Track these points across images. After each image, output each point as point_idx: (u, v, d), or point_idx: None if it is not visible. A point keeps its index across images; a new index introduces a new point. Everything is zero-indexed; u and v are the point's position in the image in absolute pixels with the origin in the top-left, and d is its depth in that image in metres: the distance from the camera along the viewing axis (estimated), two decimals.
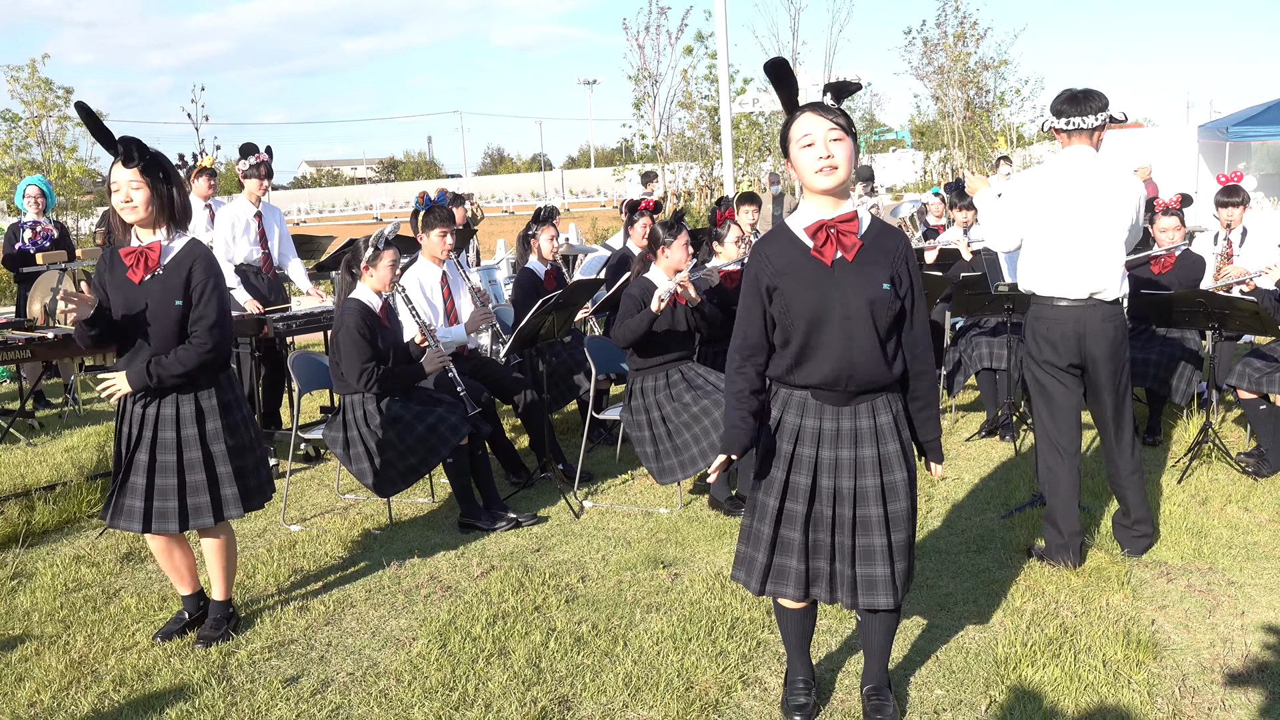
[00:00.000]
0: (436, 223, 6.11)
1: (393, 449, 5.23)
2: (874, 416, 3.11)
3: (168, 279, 3.88)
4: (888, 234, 3.11)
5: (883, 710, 3.36)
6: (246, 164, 7.23)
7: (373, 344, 5.26)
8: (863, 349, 3.01)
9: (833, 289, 3.00)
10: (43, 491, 5.96)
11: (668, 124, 24.75)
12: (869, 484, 3.10)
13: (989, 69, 24.52)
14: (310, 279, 7.91)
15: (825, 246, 3.02)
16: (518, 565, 4.87)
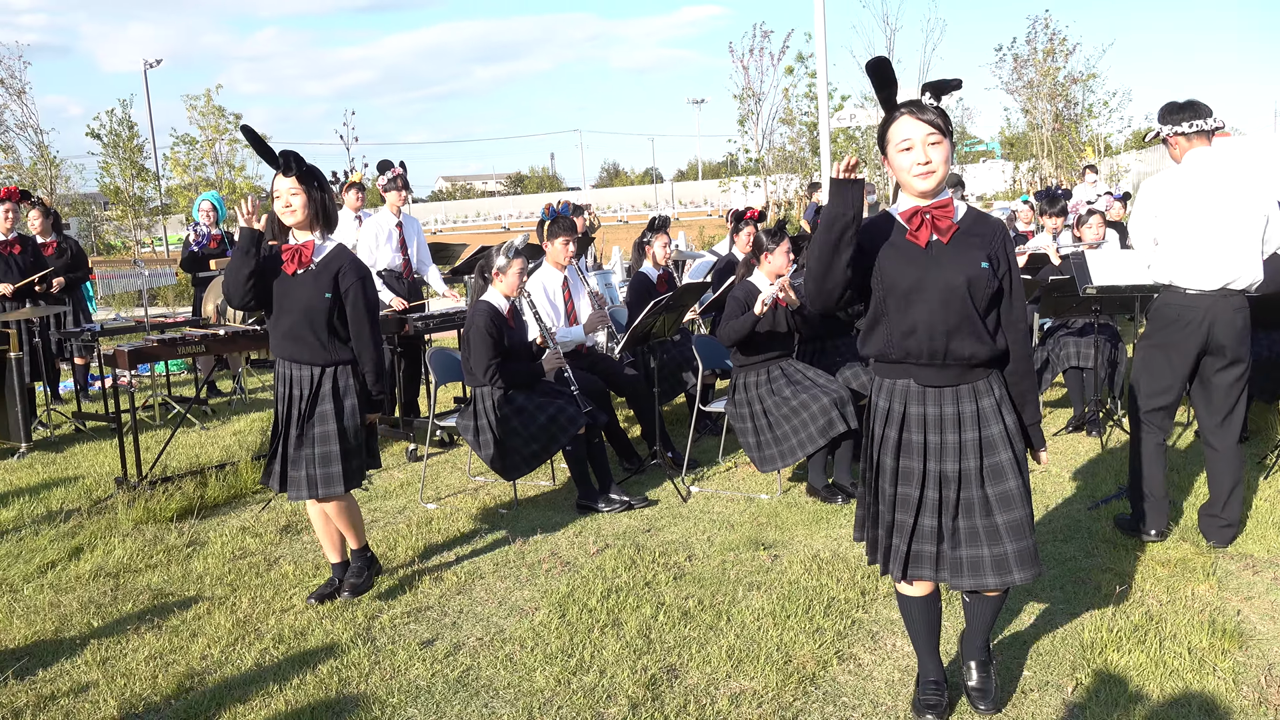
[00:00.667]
0: (560, 231, 6.16)
1: (517, 436, 5.29)
2: (975, 400, 2.98)
3: (319, 275, 4.06)
4: (985, 220, 3.00)
5: (986, 686, 3.23)
6: (385, 178, 7.41)
7: (500, 342, 5.33)
8: (959, 324, 2.89)
9: (928, 267, 2.90)
10: (214, 470, 6.21)
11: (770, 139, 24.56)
12: (971, 466, 2.97)
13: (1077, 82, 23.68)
14: (445, 283, 8.06)
15: (920, 230, 2.93)
16: (630, 544, 4.88)
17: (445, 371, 6.00)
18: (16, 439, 7.39)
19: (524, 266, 5.46)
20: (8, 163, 23.34)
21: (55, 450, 7.54)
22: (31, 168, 25.24)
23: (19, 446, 7.38)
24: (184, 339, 6.19)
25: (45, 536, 5.34)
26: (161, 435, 7.73)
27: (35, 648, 3.98)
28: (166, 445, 6.77)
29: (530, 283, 6.13)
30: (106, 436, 7.86)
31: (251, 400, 9.33)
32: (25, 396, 7.50)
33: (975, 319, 2.90)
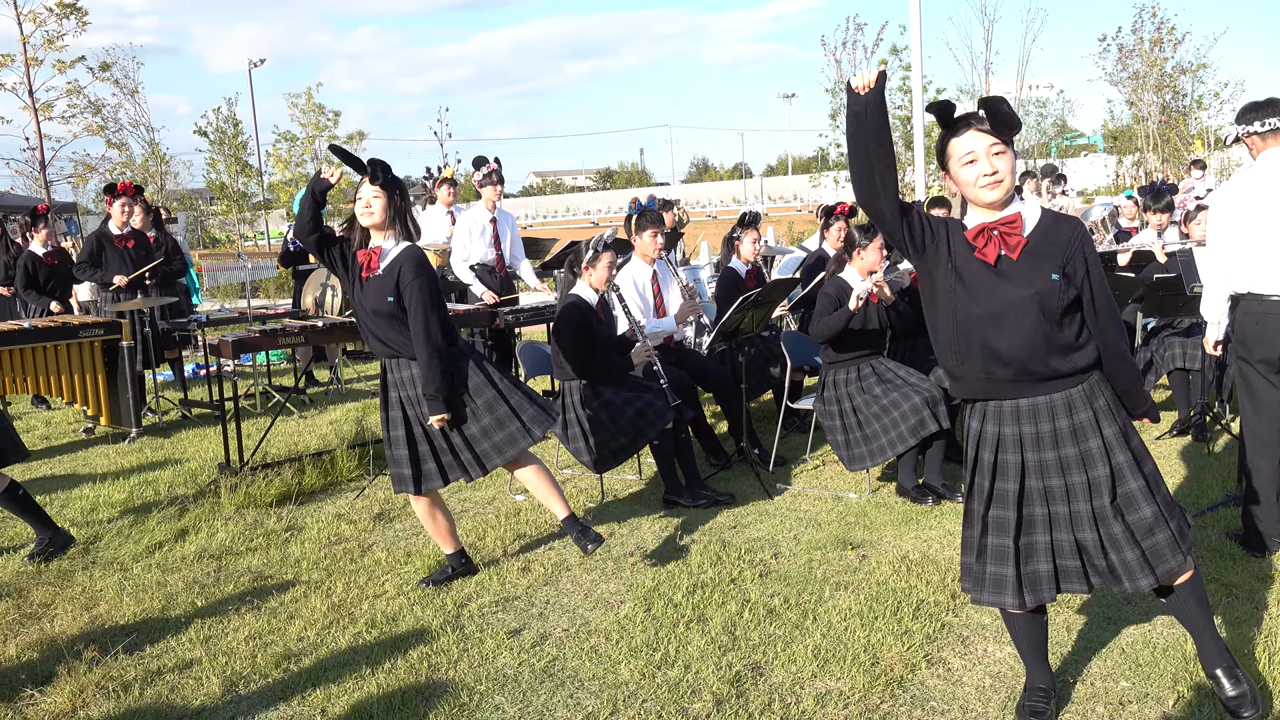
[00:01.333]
0: (648, 224, 6.18)
1: (605, 430, 5.32)
2: (1071, 414, 2.88)
3: (384, 279, 4.17)
4: (1060, 224, 2.88)
5: (1241, 691, 3.06)
6: (480, 174, 7.51)
7: (589, 336, 5.36)
8: (1037, 341, 2.80)
9: (998, 286, 2.81)
10: (311, 458, 6.39)
11: None
12: (1077, 481, 2.89)
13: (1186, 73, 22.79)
14: (536, 277, 8.15)
15: (988, 247, 2.83)
16: (716, 540, 4.87)
17: (535, 365, 6.06)
18: (128, 424, 7.72)
19: (613, 260, 5.48)
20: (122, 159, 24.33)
21: (163, 436, 7.85)
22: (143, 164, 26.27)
23: (130, 431, 7.70)
24: (284, 330, 6.38)
25: (153, 518, 5.56)
26: (262, 423, 7.99)
27: (143, 624, 4.15)
28: (267, 433, 6.99)
29: (619, 276, 6.16)
30: (211, 423, 8.15)
31: (347, 390, 9.57)
32: (136, 384, 7.82)
33: (1053, 334, 2.81)
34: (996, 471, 2.96)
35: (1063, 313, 2.81)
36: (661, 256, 6.28)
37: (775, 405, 7.17)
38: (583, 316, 5.35)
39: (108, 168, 22.28)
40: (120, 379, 7.66)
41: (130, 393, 7.66)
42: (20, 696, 3.56)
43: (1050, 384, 2.87)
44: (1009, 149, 2.83)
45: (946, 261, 2.89)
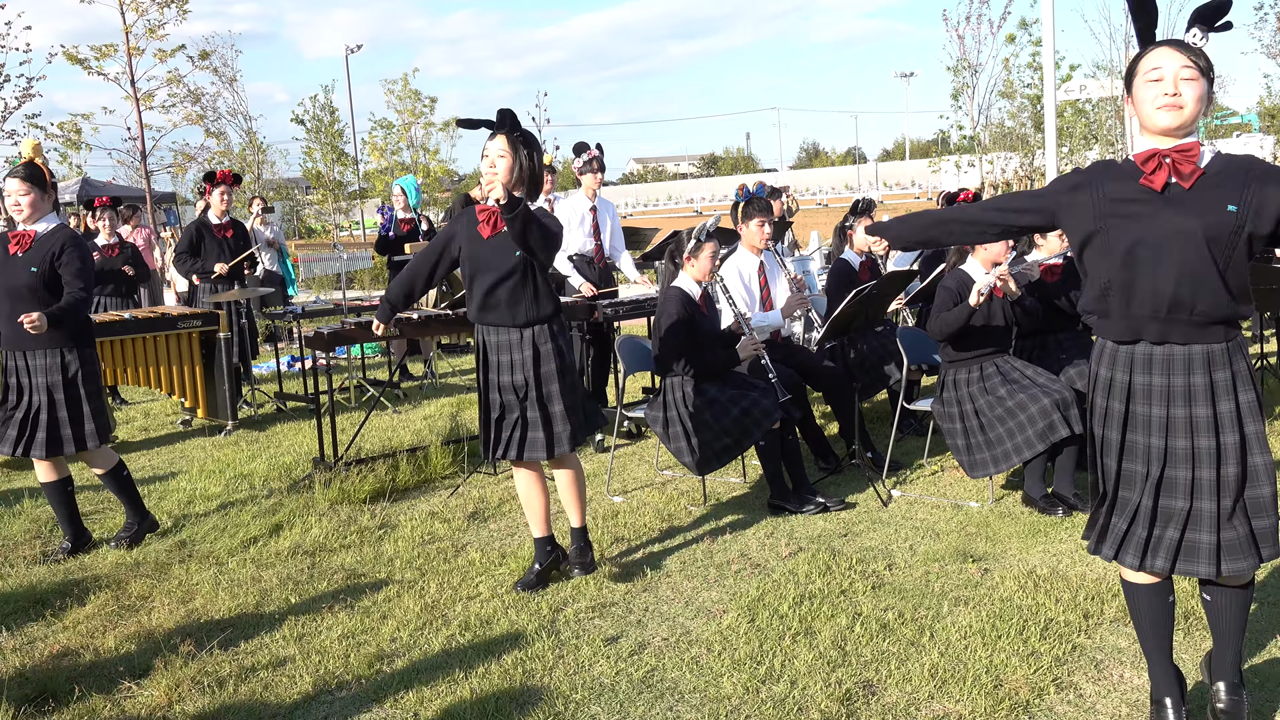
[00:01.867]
0: (755, 213, 6.14)
1: (708, 430, 5.31)
2: (1209, 371, 2.78)
3: (508, 238, 4.23)
4: (1238, 162, 2.76)
5: (1236, 712, 2.99)
6: (580, 161, 7.56)
7: (691, 330, 5.36)
8: (1194, 278, 2.70)
9: (1161, 213, 2.72)
10: (405, 453, 6.54)
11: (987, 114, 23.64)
12: (1202, 445, 2.80)
13: None
14: (636, 268, 8.18)
15: (1157, 173, 2.73)
16: (825, 549, 4.82)
17: (634, 360, 6.09)
18: (224, 417, 8.03)
19: (717, 250, 5.47)
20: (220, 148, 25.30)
21: (258, 429, 8.13)
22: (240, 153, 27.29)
23: (226, 424, 8.01)
24: None
25: (248, 512, 5.77)
26: (356, 417, 8.21)
27: (238, 620, 4.31)
28: (361, 427, 7.18)
29: (724, 268, 6.14)
30: (305, 417, 8.41)
31: (442, 385, 9.77)
32: (233, 376, 8.12)
33: (1212, 274, 2.70)
34: (1128, 423, 2.89)
35: (1231, 251, 2.70)
36: (769, 247, 6.23)
37: (890, 406, 7.07)
38: (685, 310, 5.35)
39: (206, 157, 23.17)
40: (217, 371, 7.97)
41: (226, 385, 7.96)
42: (118, 689, 3.73)
43: (1200, 331, 2.77)
44: (1202, 79, 2.72)
45: (1099, 197, 2.82)
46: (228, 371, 7.97)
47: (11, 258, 5.02)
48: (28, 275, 4.96)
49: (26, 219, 5.04)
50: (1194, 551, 2.85)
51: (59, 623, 4.36)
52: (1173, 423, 2.82)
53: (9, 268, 5.01)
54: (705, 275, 5.45)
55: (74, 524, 5.31)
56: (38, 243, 5.01)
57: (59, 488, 5.27)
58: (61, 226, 5.10)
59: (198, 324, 7.87)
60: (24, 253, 5.00)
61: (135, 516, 5.38)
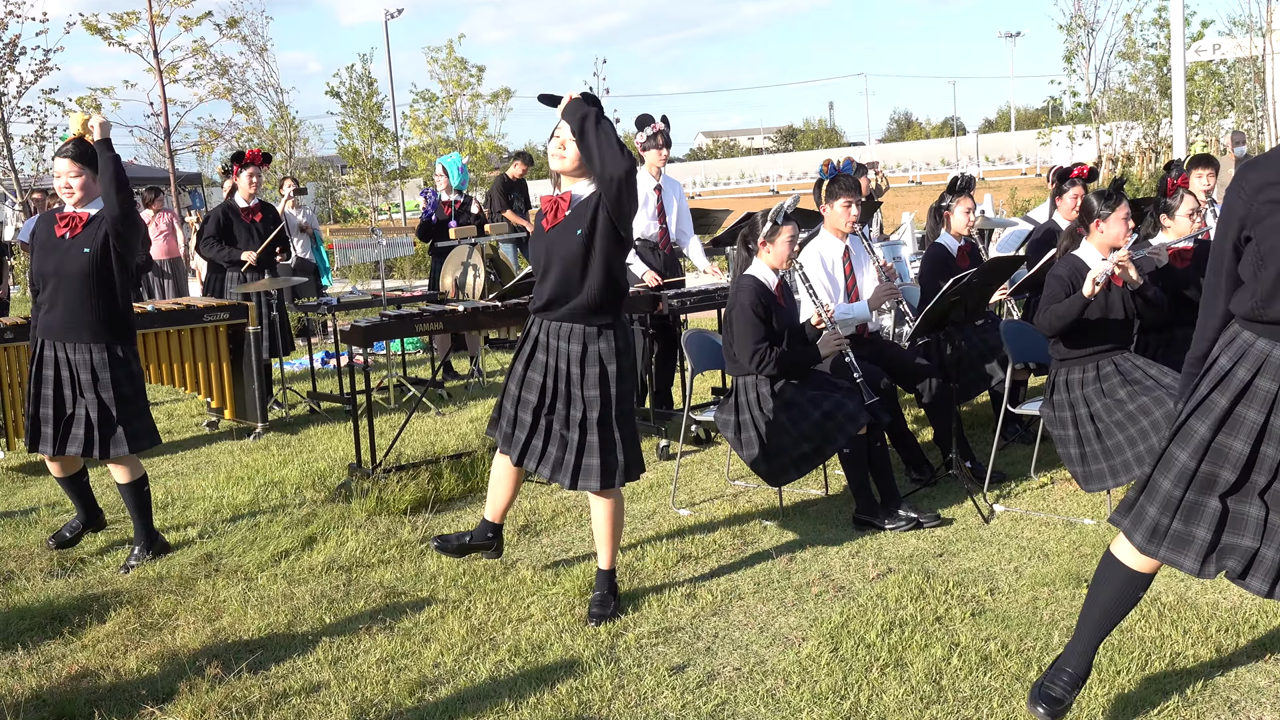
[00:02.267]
0: (841, 192, 6.10)
1: (786, 435, 5.29)
2: None
3: (573, 220, 4.28)
4: None
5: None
6: (643, 135, 7.56)
7: (767, 323, 5.35)
8: None
9: None
10: (449, 460, 6.61)
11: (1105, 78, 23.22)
12: None
13: None
14: (706, 255, 8.17)
15: None
16: (918, 570, 4.78)
17: (703, 357, 6.09)
18: (253, 419, 8.19)
19: (795, 234, 5.45)
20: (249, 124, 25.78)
21: (290, 431, 8.28)
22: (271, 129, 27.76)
23: (255, 426, 8.17)
24: (421, 315, 6.61)
25: (279, 523, 5.88)
26: (395, 419, 8.32)
27: (268, 640, 4.39)
28: (401, 431, 7.28)
29: (804, 253, 6.11)
30: (340, 419, 8.55)
31: (490, 384, 9.86)
32: (262, 374, 8.28)
33: None
34: (1226, 422, 2.96)
35: None
36: (855, 230, 6.19)
37: (992, 410, 6.99)
38: (760, 301, 5.34)
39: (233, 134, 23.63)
40: (246, 369, 8.13)
41: (256, 384, 8.11)
42: (140, 714, 3.83)
43: None
44: None
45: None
46: (257, 369, 8.12)
47: (61, 240, 5.15)
48: (80, 258, 5.09)
49: (78, 201, 5.18)
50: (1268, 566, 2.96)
51: (77, 641, 4.48)
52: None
53: (59, 251, 5.14)
54: (783, 262, 5.44)
55: (87, 503, 5.59)
56: (90, 225, 5.15)
57: (71, 481, 5.50)
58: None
59: (225, 317, 8.04)
60: (75, 235, 5.13)
61: (145, 539, 5.48)
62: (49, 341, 5.19)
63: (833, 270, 6.16)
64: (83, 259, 5.08)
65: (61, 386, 5.17)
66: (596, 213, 4.23)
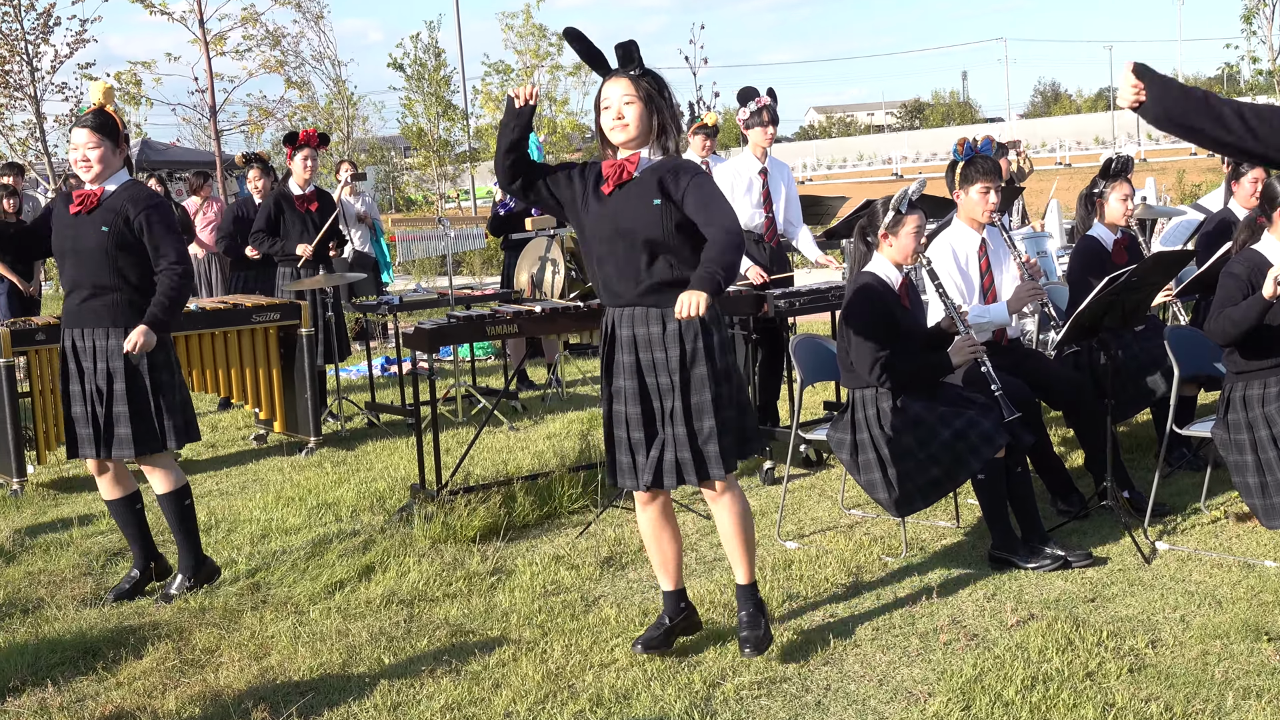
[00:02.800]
0: (978, 176, 6.04)
1: (911, 458, 5.25)
2: None
3: (640, 188, 4.22)
4: None
5: None
6: (747, 111, 7.57)
7: (889, 328, 5.31)
8: None
9: None
10: (524, 481, 6.67)
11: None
12: None
13: None
14: (818, 248, 8.15)
15: None
16: (1065, 617, 4.71)
17: (815, 367, 6.06)
18: (305, 432, 8.35)
19: (922, 224, 5.41)
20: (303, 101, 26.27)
21: (346, 447, 8.43)
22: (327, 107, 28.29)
23: (307, 441, 8.33)
24: (493, 316, 6.68)
25: (334, 551, 5.99)
26: (464, 435, 8.42)
27: (321, 682, 4.47)
28: (470, 448, 7.36)
29: (933, 247, 6.06)
30: (402, 433, 8.68)
31: (570, 396, 9.93)
32: (316, 382, 8.44)
33: None
34: None
35: None
36: (994, 221, 6.13)
37: (1154, 431, 6.86)
38: (881, 302, 5.31)
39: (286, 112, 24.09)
40: (298, 376, 8.29)
41: (309, 393, 8.27)
42: None
43: None
44: None
45: None
46: (310, 376, 8.28)
47: (75, 217, 5.29)
48: (97, 235, 5.21)
49: (95, 177, 5.30)
50: None
51: (112, 678, 4.61)
52: None
53: (73, 228, 5.29)
54: (908, 257, 5.40)
55: (145, 543, 5.60)
56: (107, 200, 5.27)
57: (124, 506, 5.55)
58: (134, 183, 5.36)
59: (275, 317, 8.21)
60: (89, 212, 5.26)
61: (191, 560, 5.57)
62: (72, 331, 5.32)
63: (966, 266, 6.10)
64: (100, 237, 5.19)
65: (93, 379, 5.27)
66: (682, 193, 4.17)
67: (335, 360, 9.10)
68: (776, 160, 7.83)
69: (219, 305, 8.30)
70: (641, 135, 4.26)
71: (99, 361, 5.26)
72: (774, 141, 7.74)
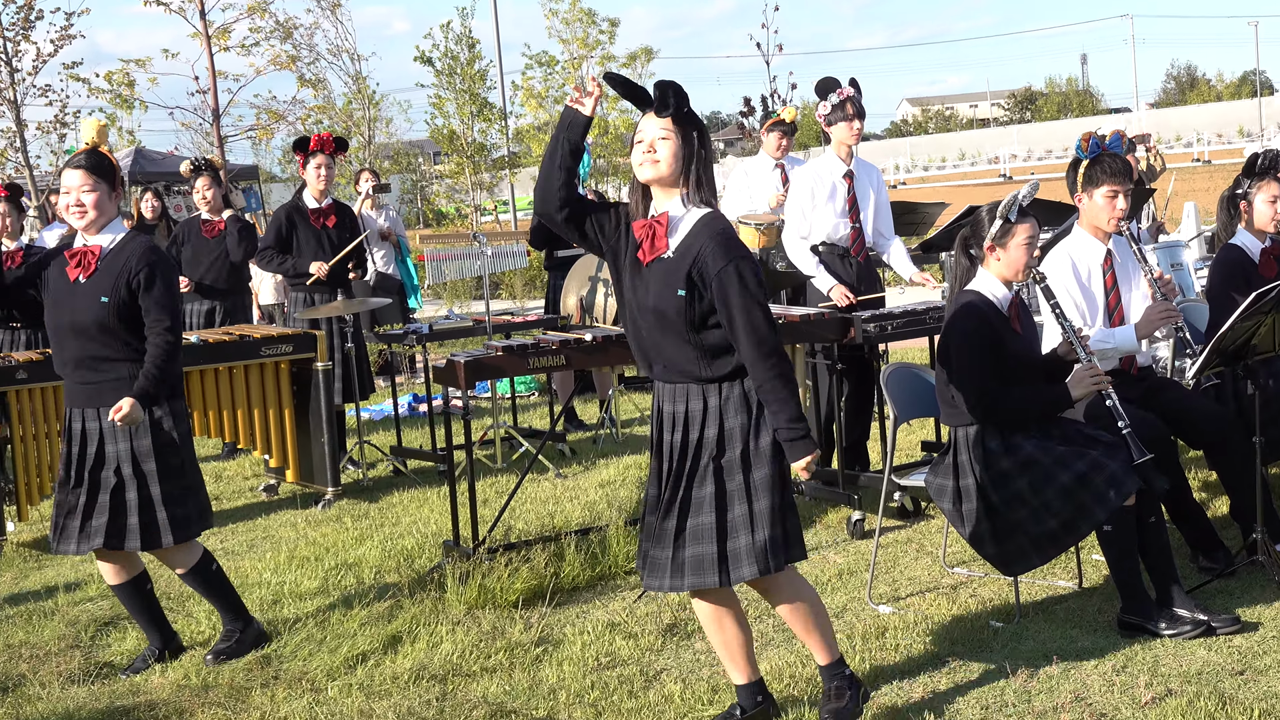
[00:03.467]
0: (1104, 178, 6.00)
1: (1024, 507, 5.22)
2: None
3: (676, 263, 4.28)
4: None
5: None
6: (828, 105, 7.55)
7: (997, 356, 5.29)
8: None
9: None
10: (573, 536, 6.68)
11: None
12: None
13: None
14: (913, 263, 8.11)
15: None
16: (1209, 693, 4.67)
17: (910, 401, 6.04)
18: (322, 482, 8.41)
19: (1035, 234, 5.39)
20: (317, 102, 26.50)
21: (368, 499, 8.49)
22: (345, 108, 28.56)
23: (325, 492, 8.39)
24: (537, 346, 6.70)
25: (355, 618, 6.03)
26: (504, 484, 8.46)
27: None
28: (511, 498, 7.39)
29: (1049, 260, 6.03)
30: (433, 482, 8.73)
31: (625, 437, 9.93)
32: (334, 425, 8.48)
33: None
34: None
35: None
36: (1120, 229, 6.09)
37: None
38: (986, 325, 5.29)
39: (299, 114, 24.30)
40: (314, 417, 8.35)
41: (326, 436, 8.33)
42: None
43: None
44: None
45: None
46: (328, 417, 8.34)
47: (74, 285, 5.42)
48: (97, 308, 5.35)
49: (90, 224, 5.43)
50: None
51: None
52: None
53: (71, 299, 5.42)
54: (1018, 273, 5.37)
55: (159, 625, 5.72)
56: (105, 262, 5.41)
57: (132, 590, 5.67)
58: (134, 236, 5.50)
59: (287, 350, 8.27)
60: (88, 277, 5.40)
61: (235, 622, 5.72)
62: (78, 411, 5.47)
63: (1089, 283, 6.06)
64: (100, 310, 5.34)
65: (100, 465, 5.41)
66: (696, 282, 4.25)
67: (356, 399, 9.16)
68: (864, 161, 7.82)
69: (223, 337, 8.35)
70: (671, 176, 4.35)
71: (118, 442, 5.39)
72: (861, 138, 7.71)
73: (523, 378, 11.28)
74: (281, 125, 24.70)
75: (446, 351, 7.78)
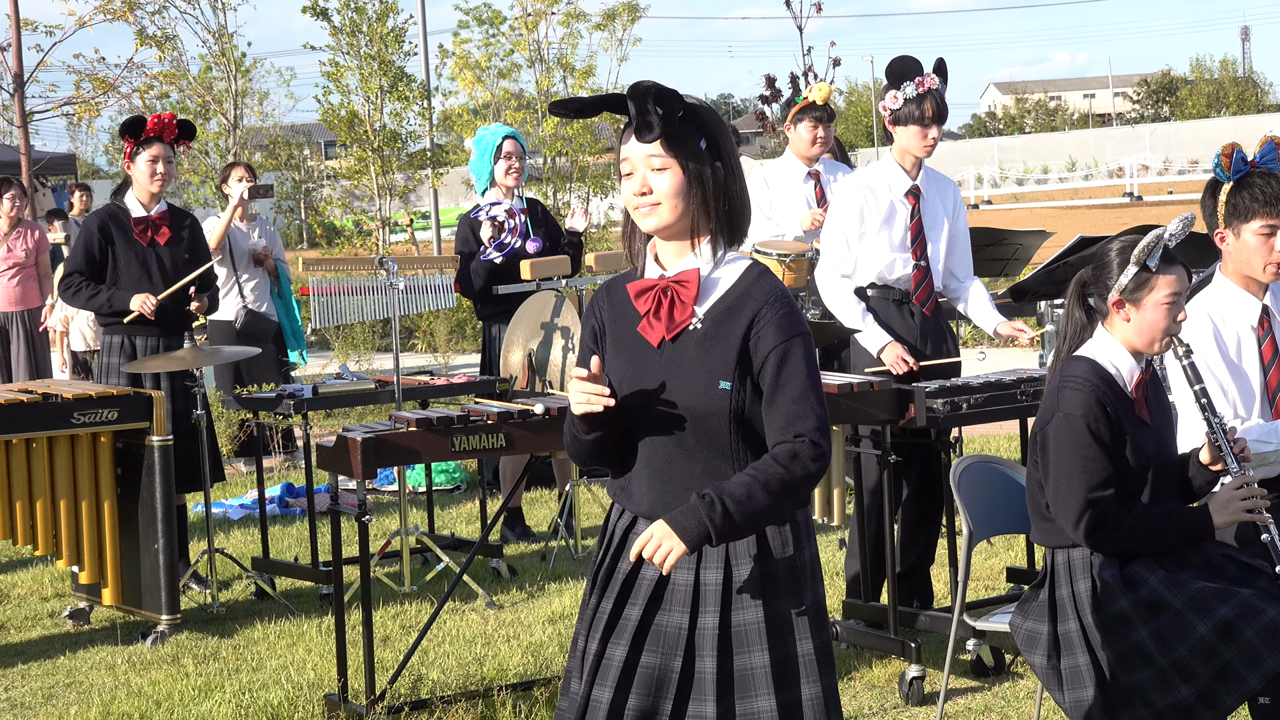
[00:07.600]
0: (1255, 207, 6.02)
1: (1148, 666, 5.22)
2: None
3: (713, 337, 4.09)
4: None
5: None
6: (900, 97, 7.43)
7: (1115, 453, 5.28)
8: None
9: None
10: (509, 692, 6.66)
11: None
12: None
13: None
14: (996, 310, 8.07)
15: None
16: None
17: (990, 510, 6.04)
18: (153, 608, 8.31)
19: (1184, 289, 5.34)
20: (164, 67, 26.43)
21: (219, 632, 8.43)
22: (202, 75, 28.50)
23: (157, 621, 8.31)
24: (466, 421, 6.67)
25: None
26: (414, 615, 8.42)
27: None
28: (422, 636, 7.37)
29: (1193, 321, 5.99)
30: (313, 610, 8.68)
31: (586, 552, 9.89)
32: (172, 526, 8.40)
33: None
34: None
35: None
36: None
37: None
38: (1102, 409, 5.29)
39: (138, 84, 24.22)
40: (146, 513, 8.28)
41: (160, 543, 8.24)
42: None
43: None
44: None
45: None
46: (164, 514, 8.26)
47: None
48: None
49: None
50: None
51: None
52: None
53: None
54: (1154, 342, 5.35)
55: None
56: None
57: None
58: None
59: (111, 417, 8.19)
60: None
61: None
62: None
63: (1238, 355, 6.04)
64: None
65: None
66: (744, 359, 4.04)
67: (204, 488, 9.11)
68: (936, 173, 7.77)
69: (19, 397, 8.24)
70: (682, 220, 4.08)
71: None
72: (936, 142, 7.53)
73: (444, 464, 11.27)
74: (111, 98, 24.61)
75: (338, 425, 7.77)
